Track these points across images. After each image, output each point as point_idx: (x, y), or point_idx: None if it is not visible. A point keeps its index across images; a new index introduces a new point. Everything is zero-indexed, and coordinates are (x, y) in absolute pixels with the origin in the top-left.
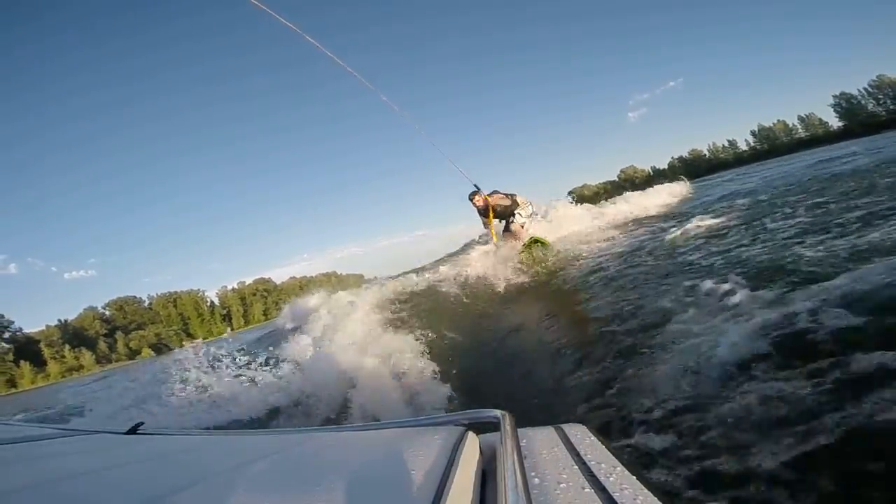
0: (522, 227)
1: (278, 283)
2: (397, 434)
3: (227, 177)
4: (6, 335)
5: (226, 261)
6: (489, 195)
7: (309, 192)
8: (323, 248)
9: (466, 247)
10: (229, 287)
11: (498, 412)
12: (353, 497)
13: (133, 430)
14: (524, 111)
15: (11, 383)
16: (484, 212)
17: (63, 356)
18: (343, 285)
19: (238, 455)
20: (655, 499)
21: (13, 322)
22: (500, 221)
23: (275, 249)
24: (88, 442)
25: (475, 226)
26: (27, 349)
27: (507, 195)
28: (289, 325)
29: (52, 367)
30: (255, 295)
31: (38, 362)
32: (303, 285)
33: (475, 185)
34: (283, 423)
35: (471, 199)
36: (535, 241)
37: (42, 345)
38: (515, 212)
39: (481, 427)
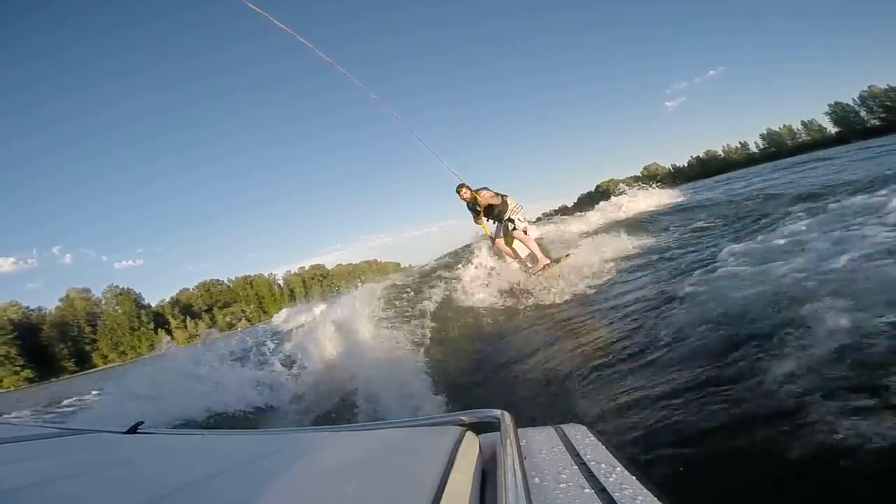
0: (525, 232)
1: (329, 269)
2: (397, 434)
3: (264, 168)
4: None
5: (261, 249)
6: (478, 191)
7: (338, 183)
8: (355, 237)
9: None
10: (292, 271)
11: (498, 412)
12: (352, 497)
13: (133, 430)
14: (559, 101)
15: (151, 347)
16: (471, 207)
17: (186, 326)
18: (384, 271)
19: (238, 455)
20: (655, 499)
21: (143, 298)
22: (491, 221)
23: (309, 238)
24: (88, 441)
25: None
26: (155, 321)
27: (497, 194)
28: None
29: (178, 334)
30: (313, 279)
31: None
32: (349, 271)
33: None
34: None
35: (458, 192)
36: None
37: (169, 317)
38: (514, 217)
39: (481, 427)
